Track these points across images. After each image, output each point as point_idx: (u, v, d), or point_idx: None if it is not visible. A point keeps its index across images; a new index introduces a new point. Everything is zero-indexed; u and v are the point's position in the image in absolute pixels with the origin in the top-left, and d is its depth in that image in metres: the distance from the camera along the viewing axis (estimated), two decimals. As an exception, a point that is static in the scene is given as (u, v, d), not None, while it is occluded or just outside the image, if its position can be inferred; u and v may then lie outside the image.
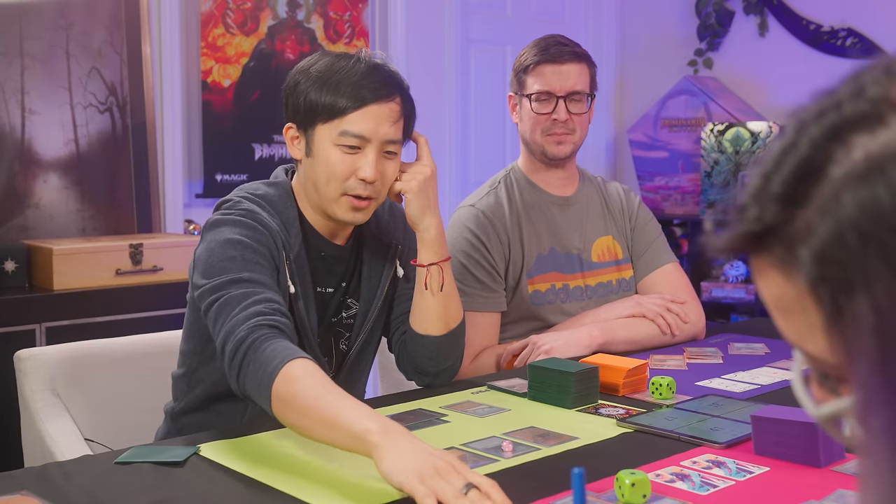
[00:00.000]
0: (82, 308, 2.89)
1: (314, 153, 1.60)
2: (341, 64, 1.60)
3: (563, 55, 2.11)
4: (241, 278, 1.49)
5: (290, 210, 1.63)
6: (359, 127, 1.57)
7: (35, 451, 1.71)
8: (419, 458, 1.16)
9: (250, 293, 1.47)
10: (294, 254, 1.59)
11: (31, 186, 3.17)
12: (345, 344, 1.71)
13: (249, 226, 1.55)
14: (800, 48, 4.35)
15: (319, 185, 1.60)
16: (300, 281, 1.60)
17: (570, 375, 1.59)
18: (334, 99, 1.56)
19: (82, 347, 1.85)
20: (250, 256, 1.52)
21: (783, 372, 1.85)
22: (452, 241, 2.12)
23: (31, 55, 3.15)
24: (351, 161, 1.57)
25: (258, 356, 1.37)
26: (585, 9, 4.90)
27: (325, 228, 1.67)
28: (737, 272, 4.32)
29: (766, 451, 1.32)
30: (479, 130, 4.56)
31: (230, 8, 3.66)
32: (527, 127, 2.15)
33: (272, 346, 1.38)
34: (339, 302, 1.70)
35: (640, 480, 1.14)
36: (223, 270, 1.50)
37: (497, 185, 2.20)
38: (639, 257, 2.24)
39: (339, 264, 1.69)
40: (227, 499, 1.21)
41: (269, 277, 1.52)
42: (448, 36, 4.31)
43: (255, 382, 1.36)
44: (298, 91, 1.60)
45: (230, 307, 1.46)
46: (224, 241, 1.53)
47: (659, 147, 4.62)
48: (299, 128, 1.62)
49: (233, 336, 1.42)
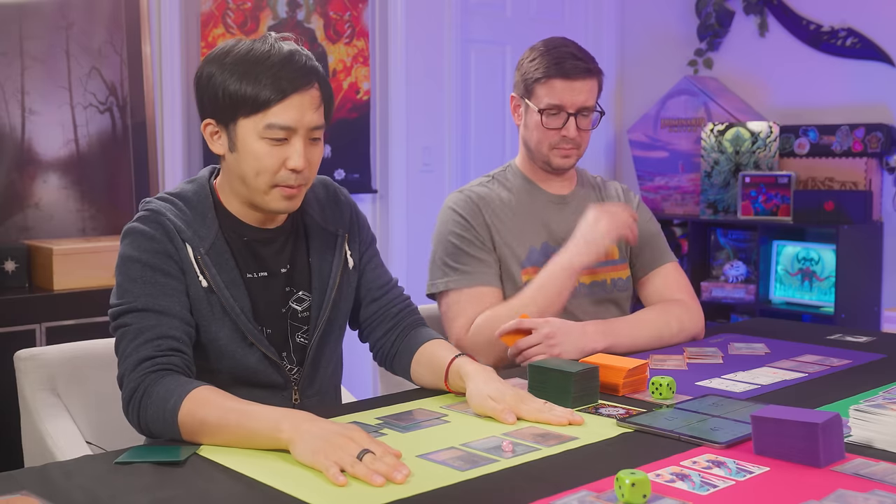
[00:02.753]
0: (82, 308, 2.89)
1: (238, 148, 1.58)
2: (255, 53, 1.56)
3: (577, 71, 2.09)
4: (136, 307, 1.53)
5: (205, 202, 1.63)
6: (284, 118, 1.55)
7: (35, 451, 1.71)
8: (321, 437, 1.30)
9: (144, 328, 1.52)
10: (208, 246, 1.59)
11: (31, 186, 3.18)
12: (303, 337, 1.70)
13: (148, 234, 1.57)
14: (800, 48, 4.35)
15: (248, 179, 1.59)
16: (220, 269, 1.60)
17: (570, 375, 1.60)
18: (255, 91, 1.54)
19: (82, 347, 1.85)
20: (149, 277, 1.55)
21: (783, 372, 1.85)
22: (442, 224, 2.13)
23: (31, 55, 3.15)
24: (279, 153, 1.57)
25: (153, 399, 1.46)
26: (585, 9, 4.90)
27: (251, 217, 1.66)
28: (737, 272, 4.32)
29: (766, 451, 1.32)
30: (478, 130, 4.56)
31: (230, 8, 3.66)
32: (532, 136, 2.14)
33: (163, 387, 1.46)
34: (281, 290, 1.68)
35: (640, 480, 1.14)
36: (125, 294, 1.55)
37: (491, 179, 2.21)
38: (638, 256, 2.24)
39: (265, 248, 1.67)
40: (227, 499, 1.21)
41: (171, 301, 1.55)
42: (448, 36, 4.31)
43: (158, 422, 1.45)
44: (214, 84, 1.57)
45: (124, 343, 1.53)
46: (127, 259, 1.58)
47: (659, 147, 4.62)
48: (219, 122, 1.60)
49: (125, 385, 1.50)
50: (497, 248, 2.11)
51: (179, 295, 1.56)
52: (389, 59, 4.10)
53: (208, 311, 1.59)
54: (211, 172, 1.72)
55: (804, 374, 1.84)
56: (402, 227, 4.21)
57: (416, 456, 1.34)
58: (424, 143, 4.27)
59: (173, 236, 1.58)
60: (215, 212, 1.64)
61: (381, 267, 1.83)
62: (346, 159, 4.01)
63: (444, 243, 2.11)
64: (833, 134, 4.14)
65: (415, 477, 1.26)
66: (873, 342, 2.13)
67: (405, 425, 1.50)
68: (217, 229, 1.62)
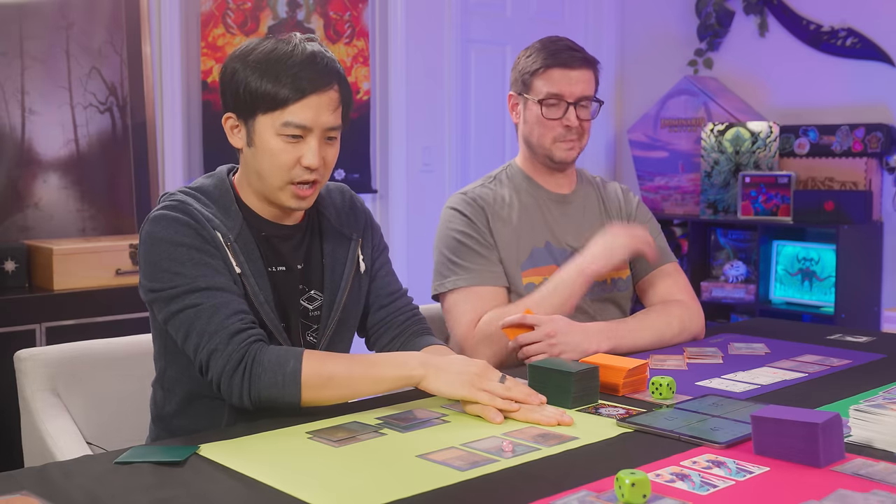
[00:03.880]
0: (82, 308, 2.89)
1: (256, 143, 1.61)
2: (278, 52, 1.59)
3: (574, 60, 2.11)
4: (199, 286, 1.53)
5: (226, 196, 1.65)
6: (300, 117, 1.58)
7: (35, 451, 1.71)
8: (460, 371, 1.48)
9: (219, 305, 1.52)
10: (235, 235, 1.61)
11: (31, 186, 3.18)
12: (313, 336, 1.71)
13: (182, 220, 1.57)
14: (800, 48, 4.35)
15: (264, 173, 1.62)
16: (247, 259, 1.62)
17: (570, 375, 1.59)
18: (275, 89, 1.57)
19: (82, 347, 1.85)
20: (198, 258, 1.55)
21: (783, 372, 1.85)
22: (445, 224, 2.12)
23: (31, 55, 3.16)
24: (294, 150, 1.60)
25: (266, 367, 1.49)
26: (585, 9, 4.90)
27: (268, 213, 1.68)
28: (737, 272, 4.32)
29: (766, 451, 1.32)
30: (478, 130, 4.56)
31: (230, 8, 3.66)
32: (533, 130, 2.14)
33: (273, 353, 1.50)
34: (296, 287, 1.70)
35: (640, 480, 1.14)
36: (175, 277, 1.54)
37: (492, 180, 2.21)
38: (638, 257, 2.24)
39: (283, 243, 1.69)
40: (227, 499, 1.21)
41: (225, 279, 1.56)
42: (448, 36, 4.31)
43: (275, 387, 1.48)
44: (237, 80, 1.60)
45: (201, 321, 1.52)
46: (167, 242, 1.56)
47: (659, 147, 4.63)
48: (239, 117, 1.63)
49: (220, 359, 1.50)
50: (499, 250, 2.11)
51: (228, 274, 1.58)
52: (389, 59, 4.10)
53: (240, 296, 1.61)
54: (229, 170, 1.73)
55: (804, 374, 1.83)
56: (402, 227, 4.22)
57: (416, 456, 1.34)
58: (424, 143, 4.27)
59: (204, 224, 1.59)
60: (237, 206, 1.66)
61: (392, 275, 1.85)
62: (346, 159, 4.01)
63: (448, 241, 2.11)
64: (833, 134, 4.14)
65: (415, 477, 1.26)
66: (873, 342, 2.13)
67: (405, 425, 1.50)
68: (241, 221, 1.64)
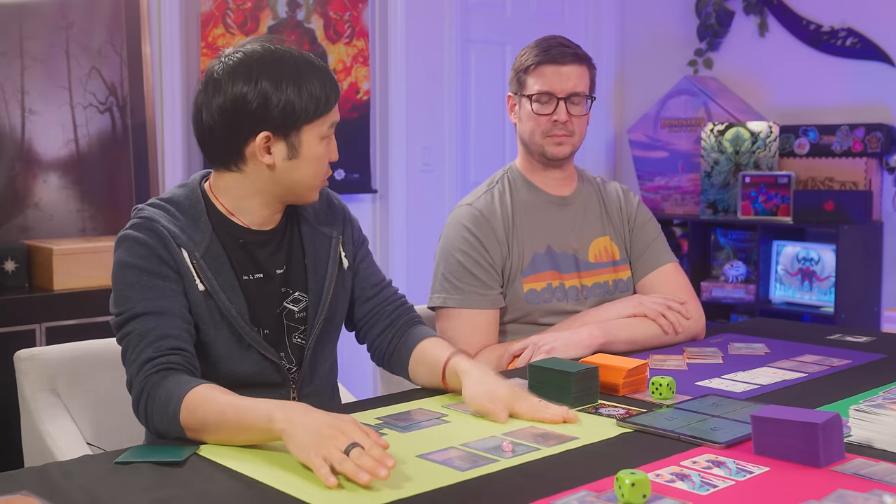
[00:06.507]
0: (82, 308, 2.89)
1: (302, 154, 1.61)
2: (293, 60, 1.61)
3: (565, 56, 2.11)
4: (137, 313, 1.55)
5: (197, 206, 1.64)
6: (335, 116, 1.65)
7: (35, 451, 1.71)
8: (312, 430, 1.29)
9: (146, 332, 1.53)
10: (203, 250, 1.60)
11: (31, 186, 3.18)
12: (300, 338, 1.71)
13: (141, 240, 1.58)
14: (800, 48, 4.35)
15: (304, 181, 1.64)
16: (216, 273, 1.60)
17: (570, 375, 1.60)
18: (318, 94, 1.60)
19: (82, 347, 1.85)
20: (146, 281, 1.56)
21: (783, 372, 1.85)
22: (450, 240, 2.11)
23: (31, 55, 3.15)
24: (329, 150, 1.66)
25: (157, 404, 1.47)
26: (585, 9, 4.90)
27: (246, 220, 1.67)
28: (737, 272, 4.32)
29: (766, 451, 1.32)
30: (478, 130, 4.56)
31: (230, 8, 3.66)
32: (526, 127, 2.15)
33: (164, 389, 1.48)
34: (277, 292, 1.69)
35: (640, 480, 1.14)
36: (124, 301, 1.57)
37: (494, 185, 2.20)
38: (638, 257, 2.24)
39: (261, 249, 1.68)
40: (227, 499, 1.21)
41: (169, 301, 1.56)
42: (448, 36, 4.31)
43: (164, 424, 1.47)
44: (269, 98, 1.57)
45: (129, 350, 1.55)
46: (123, 266, 1.59)
47: (659, 147, 4.62)
48: (277, 133, 1.59)
49: (132, 390, 1.53)
50: (504, 259, 2.11)
51: (177, 295, 1.57)
52: (389, 59, 4.10)
53: (206, 314, 1.59)
54: (202, 177, 1.72)
55: (804, 374, 1.84)
56: (402, 227, 4.21)
57: (416, 456, 1.34)
58: (424, 143, 4.27)
59: (168, 242, 1.59)
60: (208, 215, 1.64)
61: (374, 266, 1.84)
62: (345, 159, 4.01)
63: (449, 259, 2.10)
64: (833, 134, 4.14)
65: (415, 477, 1.26)
66: (873, 342, 2.13)
67: (405, 425, 1.50)
68: (211, 233, 1.62)
